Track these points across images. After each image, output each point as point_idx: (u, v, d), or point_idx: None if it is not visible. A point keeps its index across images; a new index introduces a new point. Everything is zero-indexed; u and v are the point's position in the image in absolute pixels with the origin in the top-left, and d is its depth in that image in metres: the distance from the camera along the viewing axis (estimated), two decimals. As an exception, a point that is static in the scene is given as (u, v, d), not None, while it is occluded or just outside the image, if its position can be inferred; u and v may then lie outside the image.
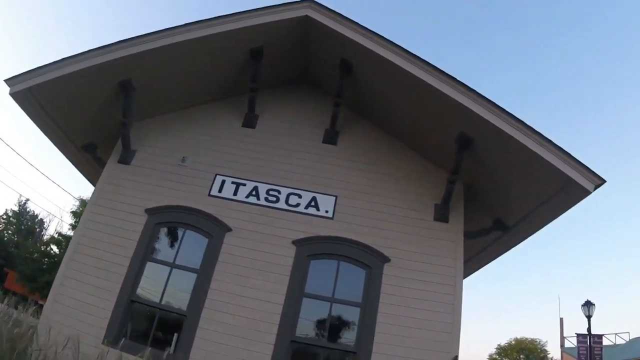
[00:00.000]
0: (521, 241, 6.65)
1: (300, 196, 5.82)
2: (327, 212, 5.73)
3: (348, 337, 5.21)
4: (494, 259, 7.70)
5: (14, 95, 5.19)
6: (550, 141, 4.82)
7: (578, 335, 16.19)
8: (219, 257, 5.44)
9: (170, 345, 4.95)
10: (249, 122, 6.42)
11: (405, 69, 5.23)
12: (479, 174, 5.94)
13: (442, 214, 5.78)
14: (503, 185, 5.89)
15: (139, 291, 5.40)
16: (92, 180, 7.30)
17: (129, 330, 5.04)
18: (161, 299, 5.36)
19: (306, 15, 5.61)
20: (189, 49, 5.61)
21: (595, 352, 14.73)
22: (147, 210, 5.73)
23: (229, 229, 5.60)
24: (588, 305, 14.27)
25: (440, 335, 5.07)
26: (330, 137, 6.29)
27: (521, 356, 34.72)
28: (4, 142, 35.41)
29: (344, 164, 6.14)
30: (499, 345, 36.94)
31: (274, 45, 5.97)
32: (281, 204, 5.77)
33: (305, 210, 5.74)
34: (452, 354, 4.98)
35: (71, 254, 5.54)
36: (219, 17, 5.55)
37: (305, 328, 5.24)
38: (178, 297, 5.42)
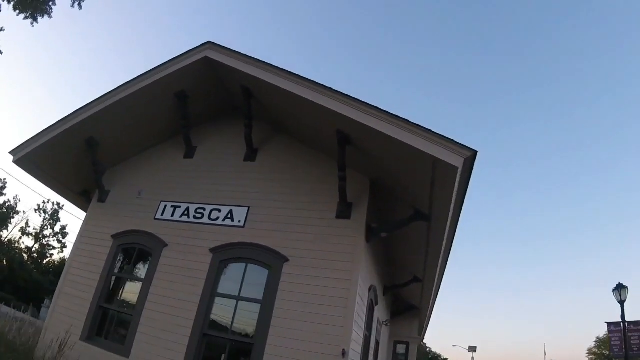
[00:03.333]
0: (452, 227, 6.76)
1: (220, 210, 7.09)
2: (239, 222, 6.87)
3: (249, 330, 6.18)
4: (450, 247, 7.75)
5: (17, 162, 7.66)
6: (410, 123, 5.00)
7: (609, 324, 13.28)
8: (157, 268, 7.00)
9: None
10: (189, 153, 8.00)
11: (278, 85, 6.21)
12: (377, 169, 6.45)
13: (342, 212, 6.41)
14: (398, 177, 6.30)
15: (105, 298, 7.26)
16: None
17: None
18: (119, 301, 7.13)
19: (205, 56, 7.04)
20: (129, 103, 7.40)
21: (633, 342, 11.92)
22: (113, 236, 7.63)
23: (166, 244, 7.14)
24: (620, 288, 11.81)
25: (331, 329, 5.58)
26: (250, 155, 7.47)
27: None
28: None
29: (260, 177, 7.23)
30: (597, 337, 37.26)
31: (193, 86, 7.47)
32: (205, 219, 7.12)
33: (223, 222, 6.97)
34: (341, 347, 5.48)
35: (65, 274, 7.72)
36: (142, 74, 7.27)
37: (217, 322, 6.40)
38: (130, 299, 7.14)
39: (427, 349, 54.59)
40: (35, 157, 7.67)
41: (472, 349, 36.74)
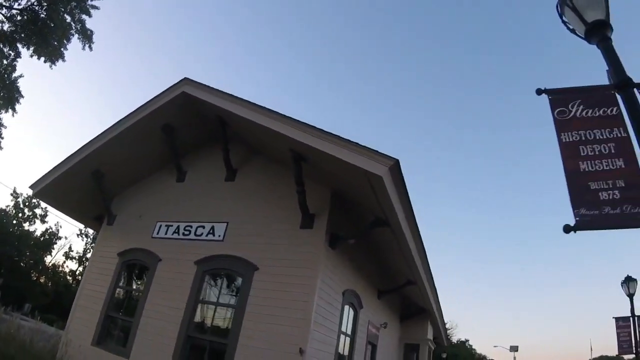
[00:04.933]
0: (413, 231, 7.40)
1: (204, 227, 8.11)
2: (219, 236, 7.85)
3: (224, 333, 7.11)
4: (423, 250, 8.34)
5: (36, 195, 9.12)
6: (340, 138, 5.72)
7: (617, 319, 12.61)
8: (153, 280, 8.12)
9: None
10: (180, 178, 9.13)
11: (239, 114, 7.19)
12: (335, 181, 7.24)
13: (306, 222, 7.24)
14: (350, 187, 7.04)
15: (112, 308, 8.46)
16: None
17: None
18: (123, 310, 8.31)
19: (183, 92, 8.15)
20: (124, 138, 8.61)
21: (644, 337, 11.34)
22: (119, 254, 8.88)
23: (160, 259, 8.26)
24: (628, 282, 11.33)
25: (292, 330, 6.34)
26: (229, 176, 8.47)
27: None
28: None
29: (238, 195, 8.19)
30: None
31: (176, 118, 8.58)
32: (191, 236, 8.16)
33: (206, 237, 7.98)
34: (299, 345, 6.22)
35: (80, 289, 9.04)
36: (132, 112, 8.44)
37: (199, 326, 7.38)
38: (132, 308, 8.29)
39: (473, 351, 53.61)
40: (50, 189, 9.06)
41: (514, 349, 36.06)
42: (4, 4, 12.85)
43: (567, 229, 2.61)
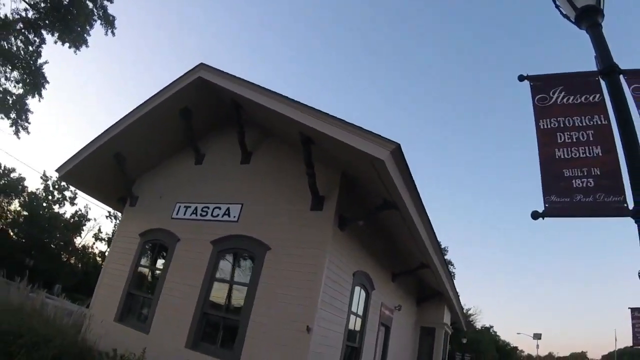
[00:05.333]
0: (421, 214, 7.50)
1: (220, 208, 8.41)
2: (234, 217, 8.13)
3: (237, 310, 7.43)
4: (433, 232, 8.45)
5: (61, 178, 9.60)
6: (344, 122, 5.87)
7: (633, 309, 12.22)
8: (172, 259, 8.50)
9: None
10: (198, 160, 9.43)
11: (253, 99, 7.38)
12: (343, 164, 7.39)
13: (316, 204, 7.43)
14: (358, 170, 7.17)
15: (134, 286, 8.93)
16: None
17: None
18: (144, 288, 8.76)
19: (199, 77, 8.39)
20: (144, 122, 8.97)
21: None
22: (140, 234, 9.30)
23: (179, 239, 8.62)
24: None
25: (300, 308, 6.60)
26: (245, 158, 8.72)
27: None
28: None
29: (252, 177, 8.43)
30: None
31: (194, 102, 8.84)
32: (208, 217, 8.47)
33: (222, 218, 8.28)
34: (306, 323, 6.48)
35: (104, 268, 9.55)
36: (151, 97, 8.75)
37: (214, 303, 7.74)
38: (152, 286, 8.73)
39: (497, 337, 53.59)
40: (76, 172, 9.53)
41: (537, 336, 35.90)
42: None
43: (534, 215, 2.61)
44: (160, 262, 8.92)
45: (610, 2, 3.12)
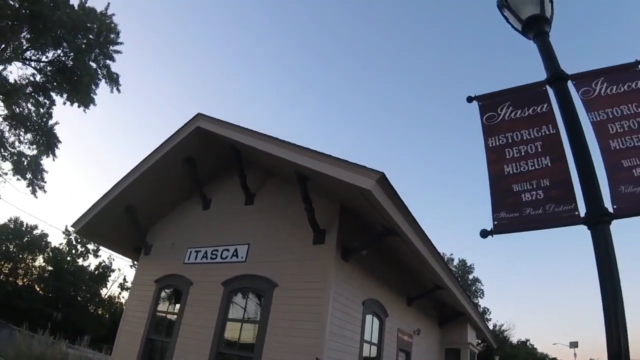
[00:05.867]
0: (423, 239, 7.74)
1: (228, 250, 8.80)
2: (242, 257, 8.49)
3: (250, 347, 7.67)
4: (438, 254, 8.59)
5: (78, 232, 10.18)
6: (331, 157, 6.33)
7: None
8: (187, 303, 8.87)
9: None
10: (205, 206, 9.91)
11: (248, 144, 7.89)
12: (340, 196, 7.73)
13: (317, 238, 7.75)
14: (352, 202, 7.48)
15: (152, 331, 9.27)
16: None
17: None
18: (162, 333, 9.10)
19: (198, 126, 8.97)
20: (152, 173, 9.53)
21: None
22: (155, 281, 9.73)
23: (192, 283, 9.01)
24: None
25: (309, 341, 6.81)
26: (248, 200, 9.15)
27: None
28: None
29: (257, 217, 8.83)
30: None
31: (196, 150, 9.40)
32: (218, 259, 8.86)
33: (230, 260, 8.65)
34: (315, 355, 6.67)
35: (124, 316, 9.95)
36: (155, 149, 9.38)
37: (229, 341, 8.00)
38: (167, 330, 9.06)
39: (534, 350, 51.73)
40: (91, 226, 10.10)
41: (574, 345, 34.67)
42: (32, 57, 14.49)
43: (483, 233, 2.65)
44: (176, 307, 9.28)
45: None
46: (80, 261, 36.46)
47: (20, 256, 33.16)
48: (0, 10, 11.91)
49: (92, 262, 43.27)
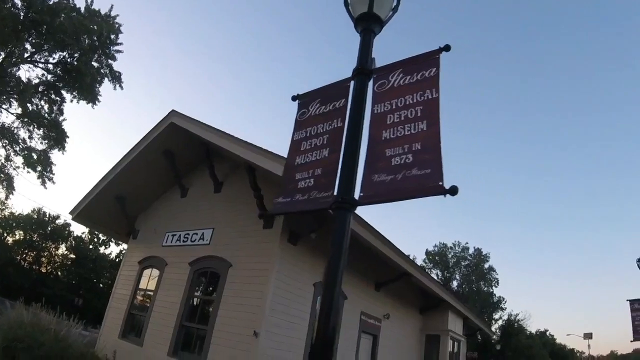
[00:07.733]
0: (358, 224, 8.68)
1: (197, 234, 10.02)
2: (207, 240, 9.68)
3: (206, 321, 8.84)
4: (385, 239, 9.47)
5: (75, 219, 11.70)
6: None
7: (632, 302, 11.65)
8: (161, 281, 10.20)
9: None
10: (183, 194, 11.18)
11: (210, 140, 9.06)
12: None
13: (267, 223, 8.80)
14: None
15: (134, 307, 10.67)
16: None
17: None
18: (132, 305, 10.48)
19: (171, 122, 10.21)
20: (135, 166, 10.88)
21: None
22: (139, 262, 11.13)
23: (167, 264, 10.32)
24: None
25: (251, 316, 7.80)
26: (217, 188, 10.33)
27: None
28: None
29: (222, 204, 9.98)
30: None
31: (172, 144, 10.66)
32: (188, 242, 10.10)
33: (198, 242, 9.86)
34: (255, 328, 7.67)
35: (113, 293, 11.42)
36: (136, 143, 10.73)
37: (191, 316, 9.26)
38: (145, 306, 10.42)
39: (553, 340, 51.31)
40: (86, 213, 11.60)
41: (588, 336, 34.66)
42: (40, 59, 16.22)
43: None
44: (152, 284, 10.64)
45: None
46: (102, 249, 39.21)
47: (44, 245, 35.98)
48: (4, 20, 13.58)
49: (113, 250, 46.07)
